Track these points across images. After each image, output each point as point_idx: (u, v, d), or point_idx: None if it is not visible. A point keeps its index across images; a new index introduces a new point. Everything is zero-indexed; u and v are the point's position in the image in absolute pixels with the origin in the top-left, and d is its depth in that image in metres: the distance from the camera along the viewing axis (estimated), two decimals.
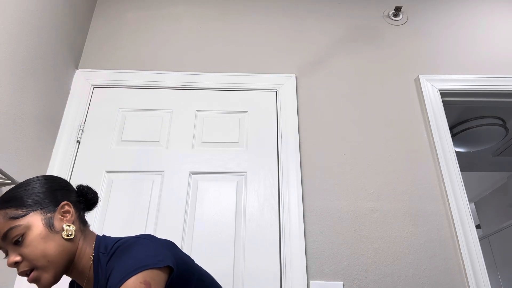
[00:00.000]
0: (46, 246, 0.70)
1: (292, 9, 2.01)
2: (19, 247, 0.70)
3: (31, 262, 0.69)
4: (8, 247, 0.70)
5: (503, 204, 3.72)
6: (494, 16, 2.02)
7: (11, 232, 0.69)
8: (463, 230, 1.45)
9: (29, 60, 1.38)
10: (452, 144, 1.63)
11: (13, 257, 0.69)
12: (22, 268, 0.69)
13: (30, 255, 0.69)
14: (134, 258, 0.65)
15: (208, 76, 1.77)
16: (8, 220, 0.70)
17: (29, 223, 0.71)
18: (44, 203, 0.74)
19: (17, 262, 0.69)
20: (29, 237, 0.70)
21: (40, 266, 0.70)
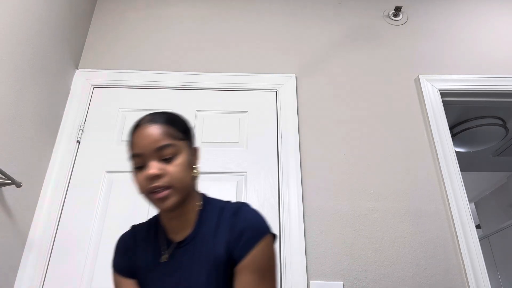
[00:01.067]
0: (186, 173, 0.76)
1: (292, 9, 2.01)
2: (166, 164, 0.73)
3: (171, 181, 0.73)
4: (152, 160, 0.73)
5: (503, 204, 3.72)
6: (494, 16, 2.02)
7: (168, 148, 0.74)
8: (463, 230, 1.45)
9: (29, 60, 1.38)
10: (452, 144, 1.63)
11: (156, 170, 0.72)
12: (159, 183, 0.72)
13: (174, 174, 0.73)
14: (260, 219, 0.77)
15: (208, 76, 1.77)
16: (168, 136, 0.75)
17: (181, 148, 0.77)
18: (192, 139, 0.83)
19: (157, 176, 0.72)
20: (178, 159, 0.75)
21: (176, 187, 0.73)
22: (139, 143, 0.74)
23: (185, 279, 0.75)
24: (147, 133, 0.75)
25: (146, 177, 0.72)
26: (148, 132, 0.75)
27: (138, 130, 0.77)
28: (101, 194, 1.51)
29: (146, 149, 0.73)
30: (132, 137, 0.78)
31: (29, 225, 1.41)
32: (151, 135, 0.74)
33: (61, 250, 1.41)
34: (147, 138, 0.74)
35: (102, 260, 1.40)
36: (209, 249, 0.76)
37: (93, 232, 1.44)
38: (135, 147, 0.75)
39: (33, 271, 1.36)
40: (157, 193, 0.72)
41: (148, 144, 0.73)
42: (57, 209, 1.46)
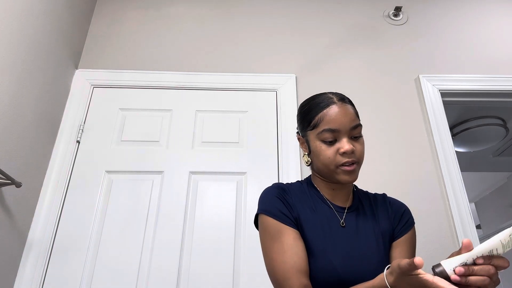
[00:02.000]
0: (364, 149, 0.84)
1: (292, 9, 2.01)
2: (355, 141, 0.82)
3: (359, 157, 0.82)
4: (346, 136, 0.81)
5: (503, 204, 3.72)
6: (494, 16, 2.02)
7: (359, 128, 0.83)
8: (463, 230, 1.45)
9: (29, 60, 1.38)
10: (452, 144, 1.63)
11: (351, 146, 0.80)
12: (352, 158, 0.80)
13: (361, 152, 0.82)
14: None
15: (208, 76, 1.77)
16: (357, 117, 0.84)
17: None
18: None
19: (351, 152, 0.80)
20: (362, 139, 0.84)
21: (359, 163, 0.83)
22: (338, 119, 0.81)
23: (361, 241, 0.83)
24: (346, 111, 0.82)
25: (341, 151, 0.80)
26: (347, 111, 0.82)
27: (334, 106, 0.82)
28: (101, 194, 1.51)
29: (343, 126, 0.80)
30: (325, 112, 0.83)
31: (29, 225, 1.41)
32: (350, 114, 0.82)
33: (61, 250, 1.41)
34: (346, 116, 0.81)
35: (102, 260, 1.40)
36: (373, 221, 0.87)
37: (93, 232, 1.44)
38: (332, 122, 0.81)
39: (33, 271, 1.35)
40: (347, 166, 0.80)
41: (347, 122, 0.80)
42: (57, 209, 1.46)
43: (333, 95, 0.85)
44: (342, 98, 0.85)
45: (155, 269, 1.39)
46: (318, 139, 0.83)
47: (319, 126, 0.82)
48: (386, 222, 0.88)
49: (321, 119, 0.82)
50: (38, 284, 1.34)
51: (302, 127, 0.89)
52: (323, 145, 0.82)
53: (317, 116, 0.83)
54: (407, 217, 0.90)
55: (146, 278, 1.38)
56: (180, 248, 1.42)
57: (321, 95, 0.88)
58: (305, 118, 0.87)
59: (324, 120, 0.82)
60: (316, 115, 0.84)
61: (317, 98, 0.87)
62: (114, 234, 1.44)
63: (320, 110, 0.83)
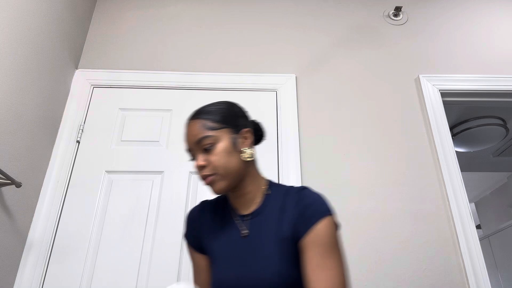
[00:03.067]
0: (229, 159, 0.81)
1: (292, 9, 2.01)
2: (208, 154, 0.81)
3: (215, 169, 0.80)
4: (198, 152, 0.82)
5: (503, 204, 3.72)
6: (494, 16, 2.02)
7: (205, 140, 0.81)
8: (463, 230, 1.45)
9: (29, 60, 1.38)
10: (452, 144, 1.63)
11: (201, 161, 0.81)
12: (205, 172, 0.81)
13: (216, 162, 0.80)
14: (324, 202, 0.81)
15: (208, 76, 1.77)
16: (205, 129, 0.82)
17: (219, 137, 0.82)
18: (233, 124, 0.86)
19: (203, 166, 0.81)
20: (217, 148, 0.81)
21: (220, 174, 0.80)
22: (187, 139, 0.84)
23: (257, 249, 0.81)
24: (188, 130, 0.84)
25: (195, 167, 0.82)
26: (189, 129, 0.84)
27: (186, 126, 0.86)
28: (101, 194, 1.51)
29: (191, 144, 0.83)
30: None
31: (29, 225, 1.41)
32: (191, 131, 0.83)
33: (61, 250, 1.41)
34: (189, 134, 0.84)
35: (102, 260, 1.40)
36: (275, 224, 0.82)
37: (93, 232, 1.44)
38: (186, 142, 0.85)
39: (33, 271, 1.35)
40: (205, 179, 0.81)
41: (192, 139, 0.83)
42: (56, 209, 1.46)
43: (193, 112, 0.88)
44: (192, 115, 0.86)
45: (155, 269, 1.39)
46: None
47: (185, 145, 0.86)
48: (290, 222, 0.80)
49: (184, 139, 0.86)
50: (38, 284, 1.34)
51: None
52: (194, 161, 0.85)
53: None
54: (312, 211, 0.77)
55: (146, 278, 1.38)
56: (180, 248, 1.42)
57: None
58: None
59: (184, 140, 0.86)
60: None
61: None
62: (114, 234, 1.44)
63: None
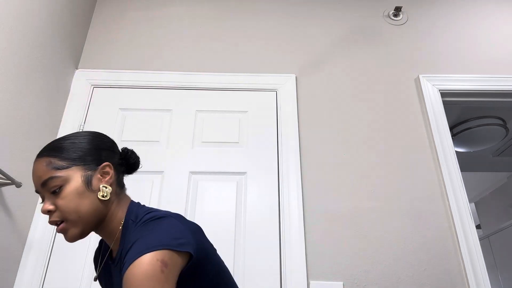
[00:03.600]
0: (80, 202, 0.71)
1: (292, 9, 2.01)
2: (55, 197, 0.70)
3: (63, 214, 0.70)
4: (45, 194, 0.72)
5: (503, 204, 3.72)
6: (494, 16, 2.02)
7: (51, 182, 0.70)
8: (463, 230, 1.45)
9: (29, 60, 1.38)
10: (452, 144, 1.63)
11: (47, 205, 0.70)
12: (53, 218, 0.70)
13: (64, 208, 0.70)
14: (157, 235, 0.64)
15: (208, 76, 1.77)
16: (50, 169, 0.71)
17: (69, 177, 0.71)
18: (88, 160, 0.74)
19: (50, 211, 0.70)
20: (66, 190, 0.70)
21: (70, 220, 0.70)
22: (33, 180, 0.73)
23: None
24: (33, 170, 0.73)
25: (42, 213, 0.73)
26: (34, 169, 0.73)
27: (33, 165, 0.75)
28: None
29: (36, 186, 0.72)
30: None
31: (29, 225, 1.41)
32: (36, 172, 0.72)
33: (61, 250, 1.41)
34: (34, 175, 0.72)
35: None
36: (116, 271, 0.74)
37: (93, 232, 1.44)
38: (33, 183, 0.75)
39: (33, 271, 1.35)
40: (56, 226, 0.71)
41: (36, 181, 0.72)
42: None
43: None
44: (39, 153, 0.74)
45: None
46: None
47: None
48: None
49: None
50: (38, 284, 1.34)
51: None
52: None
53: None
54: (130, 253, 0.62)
55: None
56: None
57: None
58: None
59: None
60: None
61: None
62: None
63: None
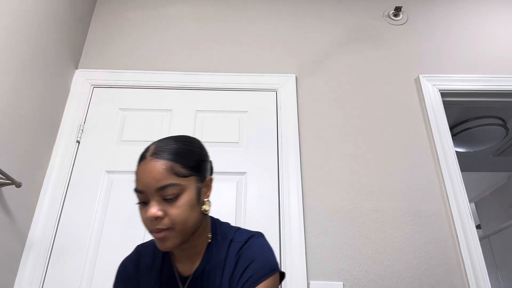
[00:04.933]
0: (191, 214, 0.68)
1: (292, 9, 2.01)
2: (167, 204, 0.67)
3: (172, 223, 0.66)
4: (154, 198, 0.67)
5: (503, 204, 3.72)
6: (494, 16, 2.02)
7: (170, 188, 0.66)
8: (463, 230, 1.45)
9: (29, 60, 1.38)
10: (452, 144, 1.63)
11: (156, 211, 0.66)
12: (160, 225, 0.66)
13: (175, 217, 0.66)
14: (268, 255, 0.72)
15: (208, 76, 1.77)
16: (172, 174, 0.67)
17: (186, 186, 0.68)
18: (201, 171, 0.72)
19: (157, 217, 0.66)
20: (182, 199, 0.67)
21: (176, 230, 0.67)
22: (141, 179, 0.67)
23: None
24: (148, 170, 0.67)
25: (144, 216, 0.68)
26: (149, 169, 0.67)
27: (142, 163, 0.69)
28: (101, 194, 1.51)
29: (147, 187, 0.67)
30: (136, 169, 0.70)
31: (29, 225, 1.41)
32: (152, 173, 0.66)
33: (61, 250, 1.41)
34: (149, 176, 0.67)
35: (102, 260, 1.40)
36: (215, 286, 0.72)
37: (93, 232, 1.44)
38: (138, 182, 0.68)
39: (33, 271, 1.35)
40: (155, 233, 0.67)
41: (149, 183, 0.66)
42: (57, 209, 1.46)
43: (153, 146, 0.71)
44: (156, 152, 0.69)
45: None
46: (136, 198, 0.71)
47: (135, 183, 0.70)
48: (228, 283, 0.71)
49: (136, 175, 0.70)
50: (38, 284, 1.34)
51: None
52: (139, 204, 0.70)
53: (136, 169, 0.70)
54: (252, 271, 0.69)
55: None
56: None
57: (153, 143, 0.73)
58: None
59: (136, 177, 0.69)
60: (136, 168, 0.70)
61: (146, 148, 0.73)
62: (114, 234, 1.44)
63: (137, 164, 0.70)
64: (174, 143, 0.71)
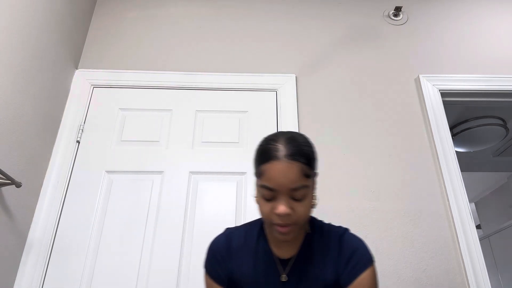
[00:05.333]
0: (309, 209, 0.74)
1: (292, 9, 2.01)
2: (295, 202, 0.71)
3: (297, 219, 0.72)
4: (284, 197, 0.71)
5: (503, 204, 3.72)
6: (494, 16, 2.02)
7: (303, 190, 0.71)
8: (463, 230, 1.45)
9: (29, 60, 1.38)
10: (452, 144, 1.63)
11: (287, 209, 0.70)
12: (287, 221, 0.71)
13: (302, 214, 0.72)
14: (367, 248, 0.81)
15: (208, 76, 1.77)
16: (304, 176, 0.71)
17: (311, 185, 0.74)
18: (316, 169, 0.79)
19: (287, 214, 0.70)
20: (308, 198, 0.73)
21: (298, 224, 0.73)
22: (276, 179, 0.70)
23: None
24: (284, 171, 0.70)
25: (275, 212, 0.71)
26: (285, 170, 0.70)
27: (275, 163, 0.71)
28: (101, 194, 1.51)
29: (281, 187, 0.70)
30: (267, 166, 0.72)
31: (29, 225, 1.41)
32: (288, 175, 0.70)
33: (61, 250, 1.41)
34: (284, 177, 0.70)
35: (102, 260, 1.40)
36: (318, 271, 0.78)
37: (93, 232, 1.44)
38: (269, 180, 0.71)
39: (33, 271, 1.35)
40: (280, 227, 0.72)
41: (284, 183, 0.70)
42: (57, 209, 1.46)
43: (283, 146, 0.72)
44: (292, 154, 0.71)
45: (155, 269, 1.39)
46: (259, 191, 0.75)
47: (261, 178, 0.73)
48: (332, 268, 0.78)
49: (262, 172, 0.72)
50: (38, 284, 1.34)
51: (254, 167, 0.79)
52: (261, 199, 0.74)
53: (260, 166, 0.73)
54: (357, 259, 0.77)
55: (146, 278, 1.38)
56: (180, 248, 1.42)
57: (274, 139, 0.76)
58: (255, 161, 0.77)
59: (265, 175, 0.72)
60: (260, 165, 0.74)
61: (269, 143, 0.75)
62: (114, 234, 1.44)
63: (264, 161, 0.73)
64: (304, 145, 0.74)
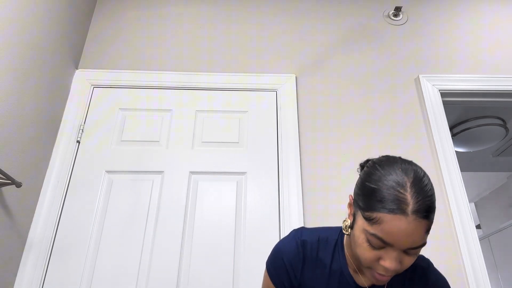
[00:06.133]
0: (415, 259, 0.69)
1: (292, 9, 2.01)
2: (407, 255, 0.65)
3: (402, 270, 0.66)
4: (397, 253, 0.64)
5: (503, 204, 3.72)
6: (494, 16, 2.02)
7: (421, 247, 0.64)
8: (463, 230, 1.45)
9: (29, 60, 1.38)
10: (452, 144, 1.63)
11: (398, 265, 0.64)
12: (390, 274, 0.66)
13: (408, 265, 0.66)
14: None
15: (208, 76, 1.77)
16: (426, 233, 0.63)
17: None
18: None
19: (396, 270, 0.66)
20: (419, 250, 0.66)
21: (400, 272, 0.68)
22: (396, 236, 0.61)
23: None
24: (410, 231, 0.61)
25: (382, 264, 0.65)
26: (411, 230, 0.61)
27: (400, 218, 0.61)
28: (101, 194, 1.51)
29: (399, 245, 0.62)
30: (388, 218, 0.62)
31: (29, 225, 1.41)
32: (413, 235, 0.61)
33: (61, 250, 1.41)
34: (409, 237, 0.61)
35: (102, 260, 1.40)
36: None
37: (93, 232, 1.44)
38: (387, 235, 0.62)
39: (33, 271, 1.35)
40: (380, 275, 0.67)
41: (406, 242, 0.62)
42: (57, 209, 1.46)
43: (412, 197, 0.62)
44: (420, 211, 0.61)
45: (155, 269, 1.39)
46: (364, 232, 0.66)
47: (372, 223, 0.64)
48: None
49: (379, 220, 0.63)
50: (38, 284, 1.34)
51: (357, 198, 0.70)
52: (365, 243, 0.65)
53: (375, 213, 0.63)
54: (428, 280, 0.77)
55: (146, 278, 1.38)
56: (180, 248, 1.42)
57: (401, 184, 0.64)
58: (364, 196, 0.67)
59: (381, 225, 0.62)
60: (375, 211, 0.64)
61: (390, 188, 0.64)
62: (114, 234, 1.44)
63: (383, 210, 0.62)
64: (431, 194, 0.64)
